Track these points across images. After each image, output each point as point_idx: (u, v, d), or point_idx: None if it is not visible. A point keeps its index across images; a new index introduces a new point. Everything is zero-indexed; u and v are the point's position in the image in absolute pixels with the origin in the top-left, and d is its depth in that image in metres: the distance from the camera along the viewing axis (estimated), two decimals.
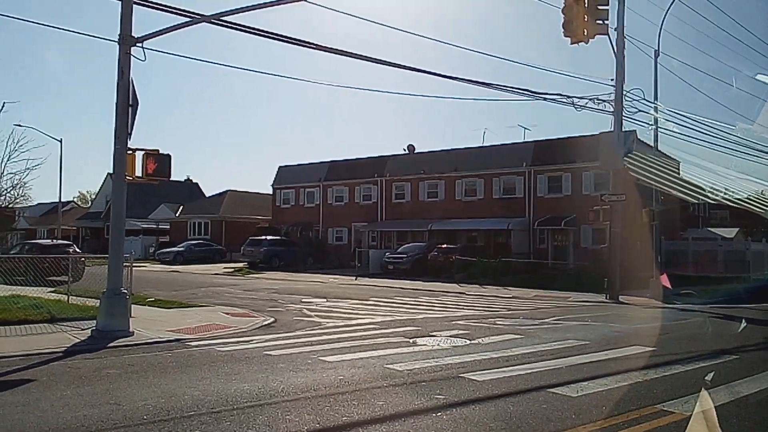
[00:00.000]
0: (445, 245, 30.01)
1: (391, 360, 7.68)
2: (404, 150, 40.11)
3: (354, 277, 28.38)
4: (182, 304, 15.48)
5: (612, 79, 20.63)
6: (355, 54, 12.93)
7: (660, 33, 21.26)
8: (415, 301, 17.92)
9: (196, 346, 9.01)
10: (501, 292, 22.33)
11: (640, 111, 21.41)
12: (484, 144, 37.06)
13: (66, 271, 15.91)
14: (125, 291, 10.43)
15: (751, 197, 57.01)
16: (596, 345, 9.23)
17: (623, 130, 27.62)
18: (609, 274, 20.22)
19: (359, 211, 39.54)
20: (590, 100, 19.93)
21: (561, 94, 19.09)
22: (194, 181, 62.06)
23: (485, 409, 5.41)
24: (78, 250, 24.80)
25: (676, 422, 5.07)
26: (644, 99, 21.31)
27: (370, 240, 39.05)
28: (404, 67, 14.35)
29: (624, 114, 21.00)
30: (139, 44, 10.29)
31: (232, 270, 32.06)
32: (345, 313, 14.46)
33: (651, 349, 8.89)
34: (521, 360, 7.88)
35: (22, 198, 70.48)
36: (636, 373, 7.00)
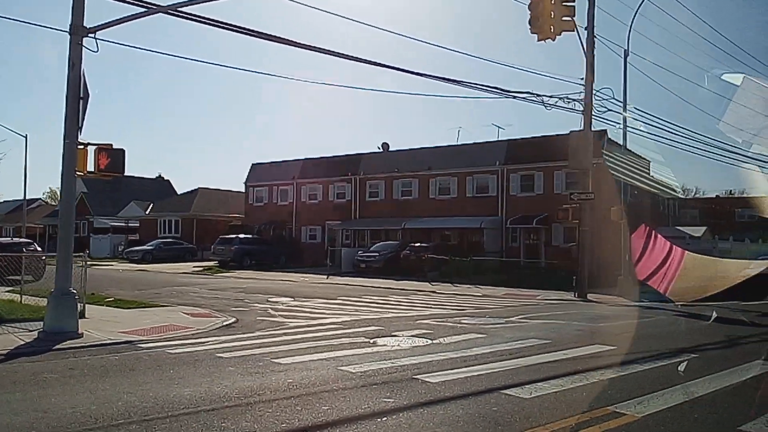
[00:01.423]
0: (417, 244, 29.87)
1: (347, 361, 7.46)
2: (378, 148, 39.95)
3: (326, 276, 28.10)
4: (143, 304, 15.05)
5: (582, 78, 20.70)
6: (326, 50, 12.62)
7: (629, 33, 21.42)
8: (383, 300, 17.72)
9: (147, 349, 8.67)
10: (472, 291, 22.26)
11: (609, 110, 21.51)
12: (458, 143, 36.96)
13: (27, 271, 15.40)
14: (74, 291, 10.00)
15: (719, 196, 58.11)
16: (557, 344, 9.12)
17: (595, 129, 27.94)
18: (578, 272, 20.28)
19: (333, 209, 39.23)
20: (560, 98, 19.96)
21: (531, 93, 19.05)
22: (166, 178, 61.11)
23: (433, 412, 5.21)
24: (39, 248, 24.02)
25: (627, 424, 4.94)
26: (613, 98, 21.44)
27: (344, 238, 38.77)
28: (376, 64, 14.12)
29: (594, 113, 21.08)
30: (92, 35, 9.90)
31: (202, 269, 31.51)
32: (310, 312, 14.20)
33: (611, 348, 8.81)
34: (480, 360, 7.72)
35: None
36: (593, 373, 6.89)
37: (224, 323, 11.81)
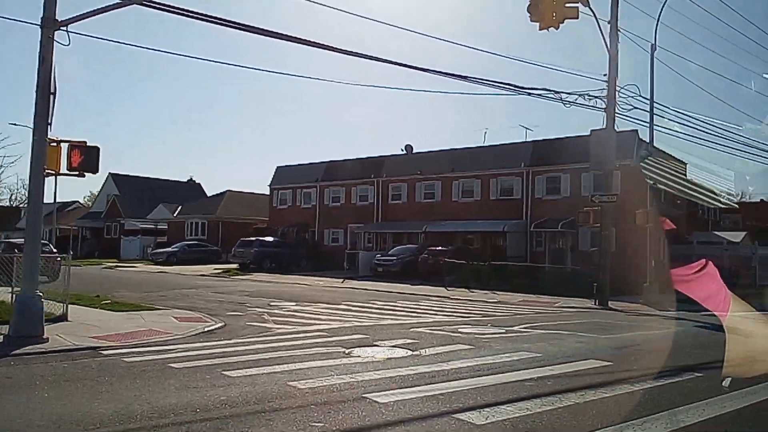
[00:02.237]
0: (436, 248, 29.04)
1: (302, 375, 6.83)
2: (402, 150, 39.23)
3: (341, 280, 27.58)
4: (137, 306, 14.74)
5: (605, 75, 19.63)
6: (334, 48, 12.07)
7: (657, 26, 20.25)
8: (389, 305, 17.03)
9: (106, 356, 8.23)
10: (488, 297, 21.37)
11: (635, 108, 20.37)
12: (483, 144, 35.96)
13: (43, 272, 15.33)
14: (41, 294, 9.64)
15: (764, 200, 55.29)
16: (548, 358, 8.29)
17: (626, 129, 26.63)
18: (598, 278, 19.20)
19: (355, 212, 38.72)
20: (580, 96, 18.93)
21: (548, 90, 18.08)
22: (197, 181, 61.75)
23: None
24: (54, 249, 24.20)
25: None
26: (640, 96, 20.25)
27: (366, 241, 38.19)
28: (384, 60, 13.45)
29: (618, 111, 19.95)
30: (63, 28, 9.58)
31: (221, 271, 31.40)
32: (306, 318, 13.64)
33: (607, 364, 7.94)
34: (452, 376, 6.98)
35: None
36: (571, 395, 6.08)
37: (207, 329, 11.34)
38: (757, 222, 52.32)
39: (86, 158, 9.90)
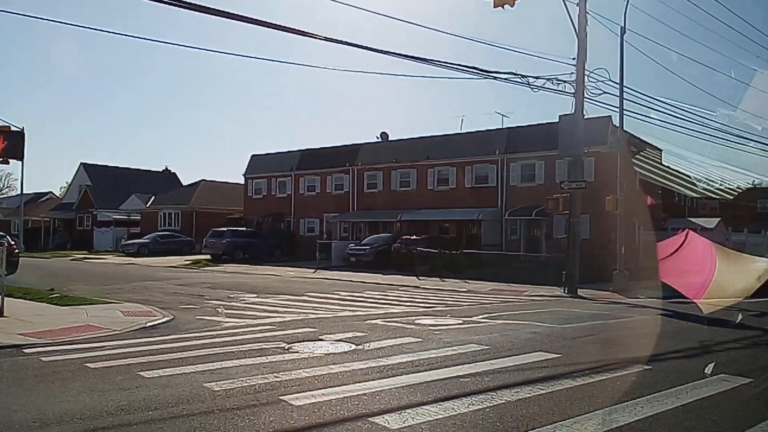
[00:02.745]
0: (410, 237, 28.64)
1: (223, 375, 6.36)
2: (377, 138, 38.70)
3: (313, 270, 27.11)
4: (87, 301, 14.16)
5: (574, 58, 19.24)
6: (304, 32, 11.48)
7: (626, 7, 19.77)
8: (353, 296, 16.61)
9: (27, 354, 7.71)
10: (458, 286, 21.05)
11: (605, 93, 20.01)
12: (458, 132, 35.54)
13: None
14: None
15: (740, 186, 55.62)
16: (495, 351, 7.91)
17: (601, 116, 26.32)
18: (567, 266, 18.92)
19: (331, 201, 38.21)
20: (548, 80, 18.52)
21: (514, 73, 17.67)
22: (173, 171, 60.72)
23: None
24: (12, 242, 23.37)
25: None
26: (610, 80, 19.89)
27: (342, 231, 37.75)
28: (343, 42, 12.93)
29: (588, 96, 19.59)
30: None
31: (191, 263, 30.77)
32: (261, 310, 13.16)
33: (555, 356, 7.57)
34: (386, 372, 6.56)
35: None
36: (505, 392, 5.68)
37: (150, 324, 10.82)
38: (736, 209, 52.66)
39: (10, 143, 9.30)
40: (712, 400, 5.59)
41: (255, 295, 16.37)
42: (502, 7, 10.29)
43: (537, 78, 18.17)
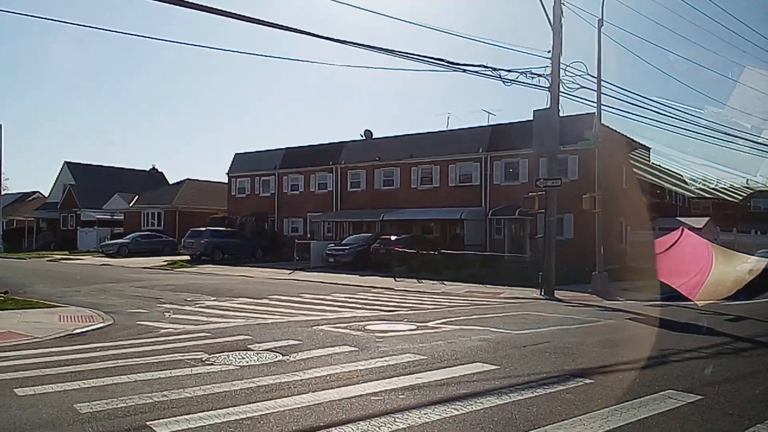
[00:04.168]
0: (389, 236, 27.95)
1: (106, 393, 5.66)
2: (361, 136, 37.99)
3: (290, 271, 26.41)
4: (30, 304, 13.51)
5: (549, 51, 18.56)
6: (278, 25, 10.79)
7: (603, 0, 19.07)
8: (318, 299, 15.92)
9: None
10: (434, 287, 20.39)
11: (582, 87, 19.31)
12: (442, 129, 34.85)
13: None
14: None
15: (733, 186, 54.85)
16: (431, 362, 7.23)
17: (585, 113, 25.64)
18: (543, 267, 18.25)
19: (314, 200, 37.52)
20: (521, 73, 17.85)
21: (485, 66, 16.97)
22: (159, 170, 59.95)
23: None
24: None
25: None
26: (588, 74, 19.20)
27: (326, 231, 37.05)
28: (305, 33, 12.24)
29: (564, 91, 18.91)
30: None
31: (166, 263, 30.05)
32: (210, 315, 12.47)
33: (492, 368, 6.89)
34: (294, 389, 5.86)
35: None
36: (415, 413, 4.99)
37: (80, 330, 10.15)
38: (728, 208, 52.03)
39: None
40: (646, 423, 4.90)
41: (214, 299, 15.67)
42: None
43: (509, 71, 17.52)
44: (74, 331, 9.99)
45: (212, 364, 7.21)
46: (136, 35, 47.43)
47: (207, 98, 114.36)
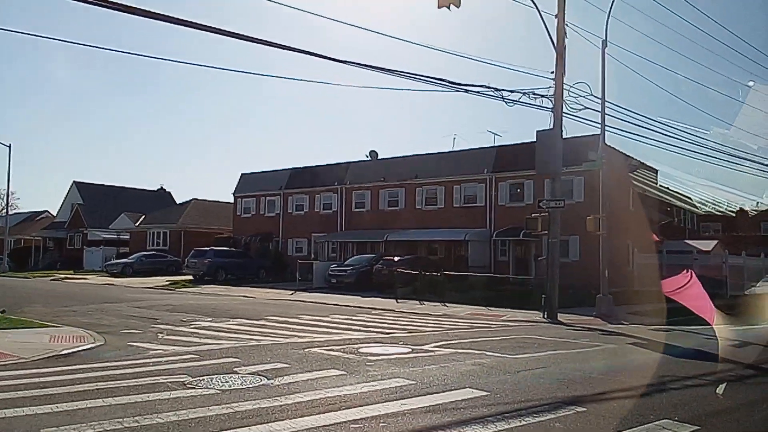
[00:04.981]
0: (393, 257, 27.70)
1: (76, 419, 5.48)
2: (366, 156, 37.98)
3: (292, 292, 26.18)
4: (24, 323, 13.41)
5: (552, 72, 18.49)
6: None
7: (608, 20, 19.04)
8: (315, 321, 15.68)
9: None
10: (436, 310, 20.08)
11: (586, 108, 19.17)
12: (447, 150, 34.78)
13: None
14: None
15: (743, 208, 54.27)
16: (418, 388, 6.98)
17: (591, 134, 25.44)
18: (546, 289, 17.94)
19: (319, 220, 37.40)
20: (524, 94, 17.76)
21: (487, 86, 16.89)
22: (167, 190, 60.23)
23: None
24: None
25: None
26: (592, 95, 19.08)
27: (330, 251, 36.85)
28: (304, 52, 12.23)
29: (568, 112, 18.79)
30: None
31: (169, 283, 29.91)
32: (203, 336, 12.27)
33: (481, 394, 6.63)
34: (265, 417, 5.63)
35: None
36: None
37: (67, 351, 9.98)
38: (736, 231, 51.39)
39: None
40: None
41: (210, 319, 15.47)
42: (448, 8, 9.54)
43: (512, 92, 17.44)
44: (62, 352, 9.82)
45: (194, 388, 7.00)
46: (144, 56, 48.68)
47: (216, 117, 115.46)
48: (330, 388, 6.98)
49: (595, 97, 19.18)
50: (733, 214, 54.31)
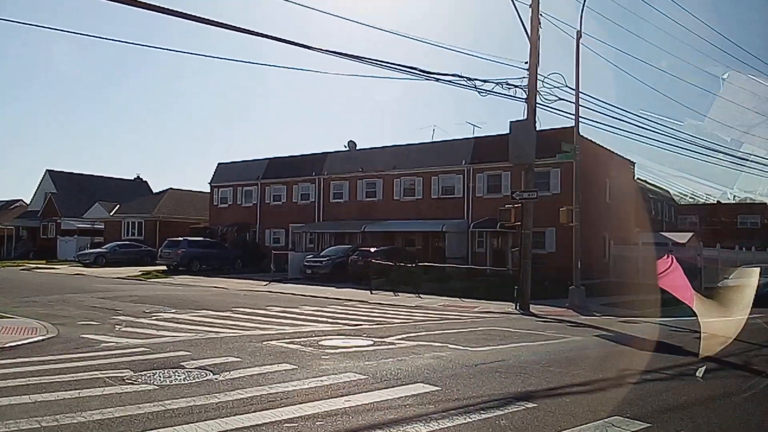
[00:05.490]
0: (367, 248, 27.44)
1: None
2: (345, 146, 37.58)
3: (266, 283, 25.81)
4: None
5: (526, 62, 18.25)
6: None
7: (582, 10, 18.84)
8: (282, 312, 15.37)
9: None
10: (410, 301, 19.89)
11: (561, 99, 18.96)
12: (425, 141, 34.53)
13: None
14: None
15: (720, 201, 54.85)
16: (368, 383, 6.72)
17: (567, 126, 25.28)
18: (519, 281, 17.80)
19: (297, 211, 37.01)
20: (497, 84, 17.50)
21: (459, 75, 16.60)
22: (144, 179, 59.25)
23: None
24: None
25: None
26: (566, 86, 18.88)
27: (307, 242, 36.50)
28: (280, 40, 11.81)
29: (541, 103, 18.56)
30: None
31: (141, 273, 29.35)
32: (162, 328, 11.90)
33: (432, 389, 6.38)
34: (200, 415, 5.33)
35: None
36: None
37: (12, 344, 9.55)
38: (713, 223, 51.89)
39: None
40: None
41: (174, 311, 15.08)
42: None
43: (485, 81, 17.16)
44: (6, 345, 9.41)
45: (132, 383, 6.67)
46: (121, 41, 47.61)
47: (194, 107, 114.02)
48: (275, 383, 6.68)
49: (570, 88, 19.02)
50: (711, 206, 54.84)
